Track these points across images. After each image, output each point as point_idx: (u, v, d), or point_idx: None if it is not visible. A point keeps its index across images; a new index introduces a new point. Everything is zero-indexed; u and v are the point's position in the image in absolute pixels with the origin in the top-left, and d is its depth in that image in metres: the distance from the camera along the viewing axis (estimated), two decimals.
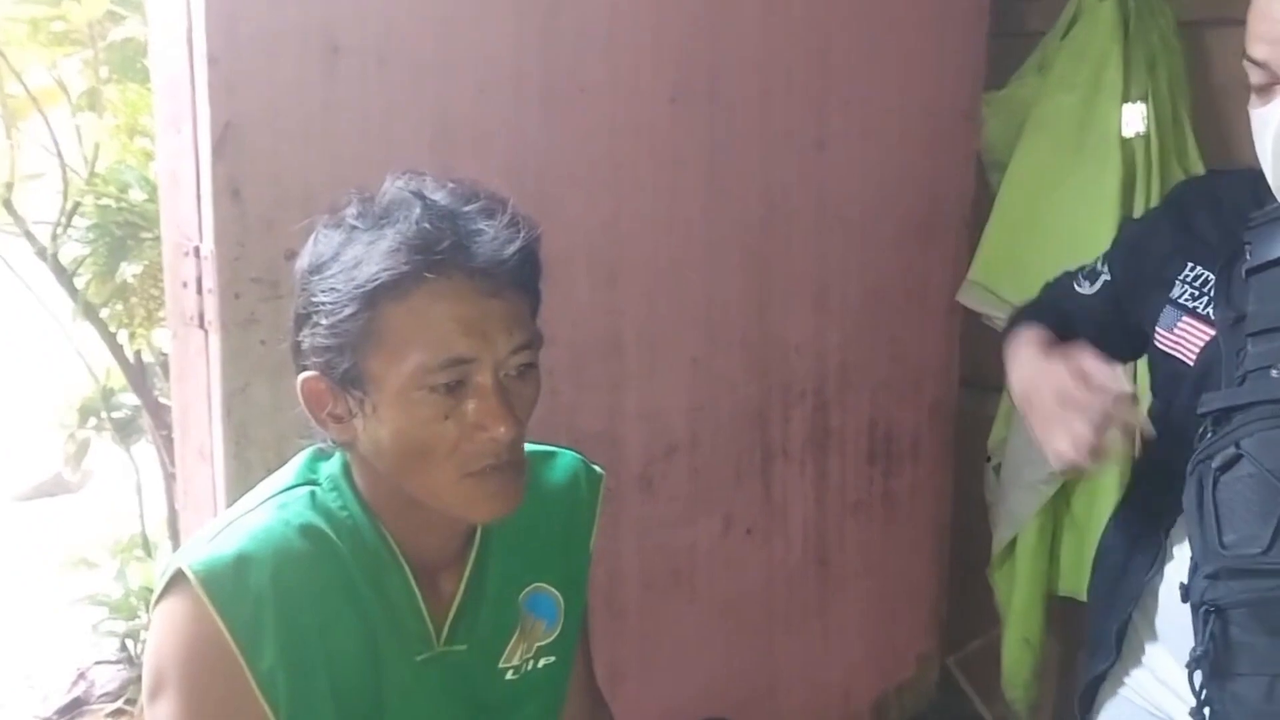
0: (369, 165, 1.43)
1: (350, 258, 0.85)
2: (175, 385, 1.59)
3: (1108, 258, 1.27)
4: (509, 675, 1.00)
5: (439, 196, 0.88)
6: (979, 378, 2.36)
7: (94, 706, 2.77)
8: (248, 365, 1.43)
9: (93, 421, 2.80)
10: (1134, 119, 1.94)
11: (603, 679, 1.83)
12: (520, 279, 0.89)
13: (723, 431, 1.93)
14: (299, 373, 0.91)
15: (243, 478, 1.43)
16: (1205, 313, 1.10)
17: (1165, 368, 1.15)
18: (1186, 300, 1.12)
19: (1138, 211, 1.93)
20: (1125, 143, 1.94)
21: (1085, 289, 1.26)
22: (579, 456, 1.11)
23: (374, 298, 0.84)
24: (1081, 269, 1.29)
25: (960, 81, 2.20)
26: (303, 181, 1.40)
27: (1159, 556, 1.12)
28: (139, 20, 2.02)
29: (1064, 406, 1.00)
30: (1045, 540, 2.11)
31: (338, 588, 0.90)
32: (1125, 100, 1.94)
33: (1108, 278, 1.25)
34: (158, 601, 0.89)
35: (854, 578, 2.19)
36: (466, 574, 0.98)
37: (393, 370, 0.85)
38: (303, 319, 0.89)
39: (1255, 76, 1.04)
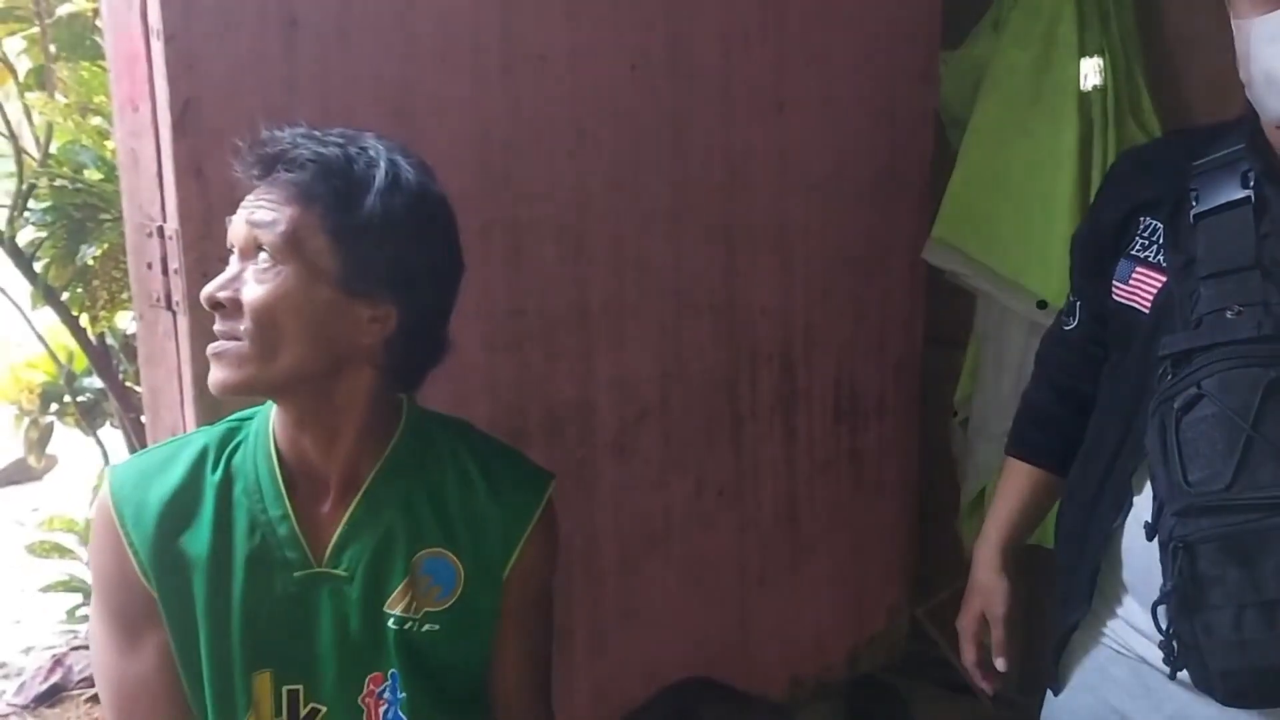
0: None
1: None
2: (144, 368, 1.58)
3: (1071, 282, 1.31)
4: (391, 623, 1.04)
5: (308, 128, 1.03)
6: (943, 334, 2.39)
7: (73, 692, 2.75)
8: None
9: (55, 407, 2.77)
10: (1091, 73, 1.96)
11: (585, 643, 1.87)
12: (296, 183, 0.98)
13: (692, 396, 1.95)
14: None
15: None
16: (1156, 260, 1.13)
17: (1121, 318, 1.17)
18: (1138, 251, 1.15)
19: (1095, 165, 1.96)
20: (1082, 97, 1.96)
21: (1070, 325, 1.30)
22: (529, 463, 1.17)
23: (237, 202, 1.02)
24: (1062, 309, 1.34)
25: (916, 41, 2.22)
26: None
27: (1124, 501, 1.14)
28: None
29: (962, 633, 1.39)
30: None
31: (214, 505, 1.02)
32: (1080, 55, 1.96)
33: (1077, 300, 1.29)
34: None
35: (824, 535, 2.22)
36: (355, 500, 1.04)
37: None
38: None
39: None
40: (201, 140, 1.39)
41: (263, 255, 0.97)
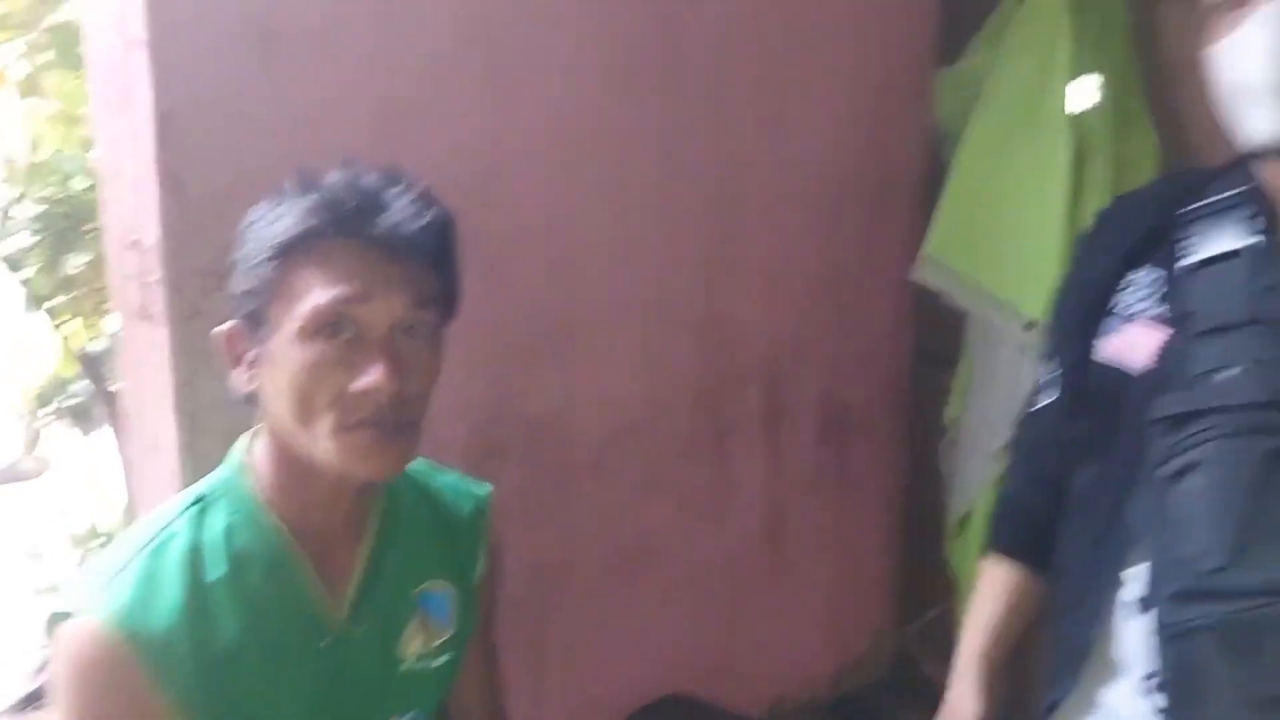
0: (313, 152, 1.41)
1: (273, 215, 0.92)
2: (125, 377, 1.59)
3: (1049, 349, 1.21)
4: (405, 665, 1.03)
5: (364, 173, 0.94)
6: (934, 351, 2.38)
7: None
8: (197, 357, 1.43)
9: (48, 409, 2.78)
10: (1085, 93, 1.95)
11: (562, 660, 1.86)
12: (427, 254, 0.93)
13: (676, 411, 1.94)
14: None
15: (196, 469, 1.42)
16: (1149, 315, 1.05)
17: (1106, 379, 1.08)
18: (1128, 306, 1.07)
19: (1087, 187, 1.93)
20: (1077, 117, 1.94)
21: (1049, 399, 1.19)
22: (462, 475, 1.15)
23: (283, 249, 0.90)
24: (1036, 385, 1.23)
25: (912, 57, 2.20)
26: (246, 170, 1.38)
27: (1115, 579, 1.05)
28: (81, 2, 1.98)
29: None
30: None
31: (233, 601, 0.93)
32: (1076, 74, 1.95)
33: (1058, 369, 1.18)
34: (55, 635, 0.91)
35: (810, 553, 2.21)
36: (367, 555, 1.00)
37: (291, 314, 0.90)
38: (230, 270, 0.96)
39: None
40: (181, 152, 1.39)
41: (416, 331, 0.92)
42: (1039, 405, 1.21)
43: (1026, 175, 1.97)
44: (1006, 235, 2.00)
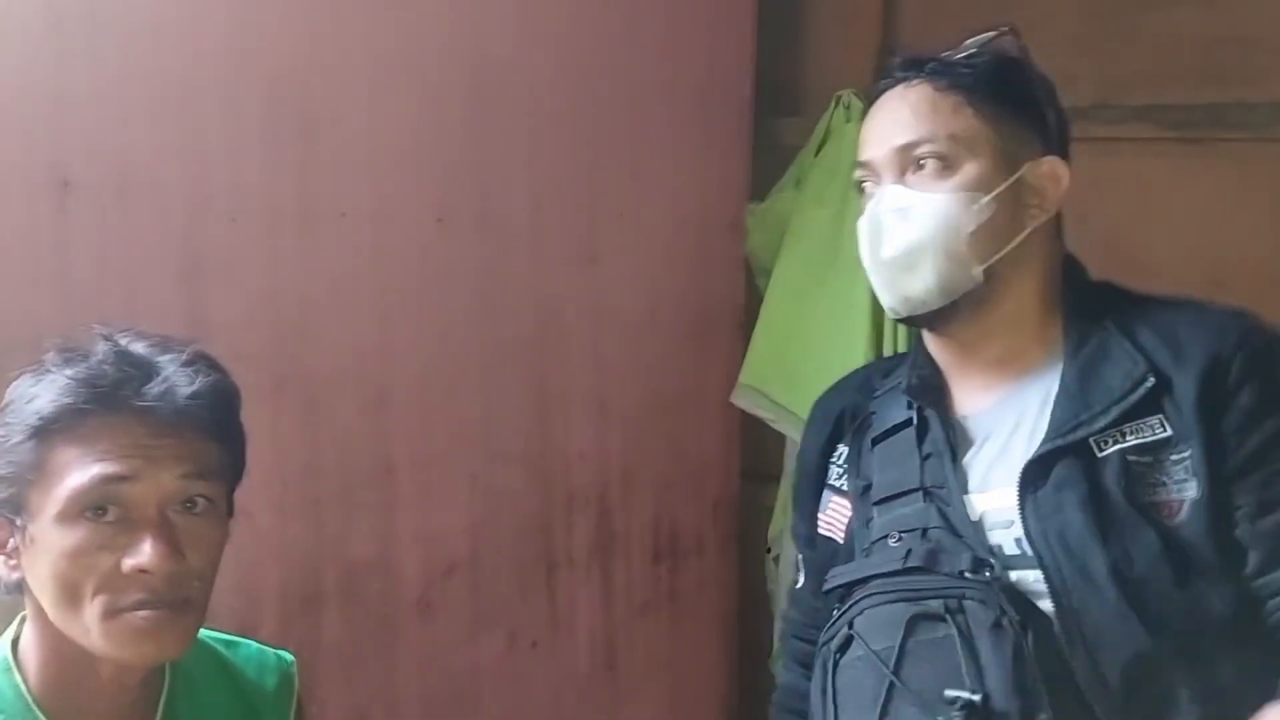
0: (107, 301, 1.38)
1: (31, 394, 0.88)
2: None
3: (793, 528, 1.27)
4: None
5: (128, 341, 0.91)
6: (758, 470, 2.44)
7: None
8: None
9: None
10: None
11: None
12: (200, 424, 0.89)
13: (504, 546, 1.92)
14: None
15: None
16: (844, 489, 1.12)
17: (824, 550, 1.14)
18: (834, 480, 1.15)
19: (888, 320, 2.04)
20: None
21: (801, 582, 1.23)
22: (262, 646, 1.10)
23: (42, 430, 0.86)
24: (797, 563, 1.27)
25: (726, 193, 2.31)
26: (32, 323, 1.32)
27: None
28: None
29: None
30: None
31: None
32: None
33: (803, 550, 1.23)
34: None
35: (643, 679, 2.20)
36: None
37: (52, 496, 0.85)
38: None
39: (863, 176, 1.09)
40: None
41: (192, 505, 0.88)
42: (797, 585, 1.25)
43: (830, 312, 2.08)
44: (814, 365, 2.08)
